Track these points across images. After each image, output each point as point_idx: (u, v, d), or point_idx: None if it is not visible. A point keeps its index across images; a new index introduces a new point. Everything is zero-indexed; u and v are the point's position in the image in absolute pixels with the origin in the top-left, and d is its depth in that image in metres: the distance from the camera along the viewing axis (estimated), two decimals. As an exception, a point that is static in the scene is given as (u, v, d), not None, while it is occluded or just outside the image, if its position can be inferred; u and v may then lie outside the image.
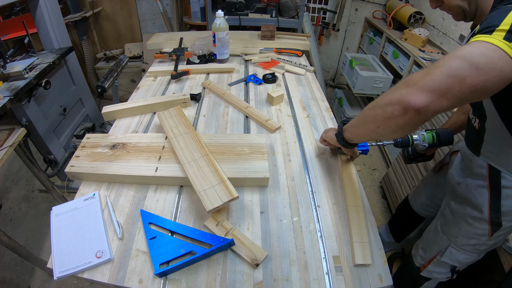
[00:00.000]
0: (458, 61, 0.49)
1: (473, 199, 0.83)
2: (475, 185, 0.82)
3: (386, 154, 2.27)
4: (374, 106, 0.61)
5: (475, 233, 0.85)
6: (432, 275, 1.01)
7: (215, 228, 0.70)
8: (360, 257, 0.66)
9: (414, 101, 0.51)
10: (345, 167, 0.87)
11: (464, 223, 0.87)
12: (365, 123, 0.66)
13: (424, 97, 0.50)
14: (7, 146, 1.22)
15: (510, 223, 0.80)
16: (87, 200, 0.76)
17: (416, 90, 0.52)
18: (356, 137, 0.73)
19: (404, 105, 0.52)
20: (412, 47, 2.05)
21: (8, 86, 1.35)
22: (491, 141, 0.76)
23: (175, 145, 0.86)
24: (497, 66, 0.48)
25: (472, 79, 0.48)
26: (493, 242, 0.86)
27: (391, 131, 0.59)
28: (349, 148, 0.80)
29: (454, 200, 0.91)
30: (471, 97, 0.50)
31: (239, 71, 1.48)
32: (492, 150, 0.76)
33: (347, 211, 0.75)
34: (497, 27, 0.50)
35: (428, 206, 1.19)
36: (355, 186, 0.82)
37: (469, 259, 0.92)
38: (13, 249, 1.21)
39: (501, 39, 0.48)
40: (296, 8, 2.36)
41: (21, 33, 1.74)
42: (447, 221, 0.93)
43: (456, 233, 0.90)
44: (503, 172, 0.75)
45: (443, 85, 0.49)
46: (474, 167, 0.82)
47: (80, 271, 0.63)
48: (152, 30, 2.93)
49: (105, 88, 1.38)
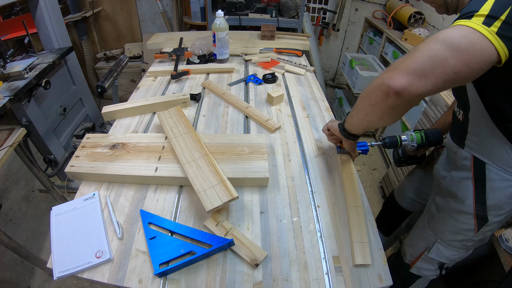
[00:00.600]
0: (439, 43, 0.50)
1: (457, 192, 0.82)
2: (460, 178, 0.81)
3: (386, 154, 2.27)
4: (362, 96, 0.63)
5: (461, 228, 0.84)
6: (421, 272, 1.01)
7: (215, 228, 0.70)
8: (360, 257, 0.65)
9: (393, 83, 0.52)
10: (345, 167, 0.87)
11: (449, 218, 0.86)
12: (356, 112, 0.67)
13: (404, 79, 0.51)
14: (7, 146, 1.22)
15: (496, 218, 0.79)
16: (87, 200, 0.76)
17: (396, 72, 0.52)
18: (352, 127, 0.73)
19: (385, 88, 0.53)
20: (412, 47, 2.05)
21: (8, 86, 1.35)
22: (475, 131, 0.76)
23: (175, 145, 0.86)
24: (478, 48, 0.48)
25: (454, 60, 0.48)
26: (480, 238, 0.85)
27: (378, 117, 0.60)
28: (350, 140, 0.79)
29: (439, 194, 0.90)
30: (455, 79, 0.50)
31: (239, 71, 1.48)
32: (476, 141, 0.76)
33: (347, 211, 0.75)
34: (476, 12, 0.51)
35: (414, 201, 1.19)
36: (355, 186, 0.81)
37: (457, 255, 0.91)
38: (13, 249, 1.21)
39: (480, 24, 0.49)
40: (296, 8, 2.36)
41: (21, 33, 1.75)
42: (433, 216, 0.93)
43: (442, 229, 0.89)
44: (487, 164, 0.74)
45: (424, 66, 0.50)
46: (459, 159, 0.82)
47: (80, 271, 0.63)
48: (152, 30, 2.93)
49: (105, 88, 1.38)
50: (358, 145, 0.87)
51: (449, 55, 0.49)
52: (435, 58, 0.49)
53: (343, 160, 0.89)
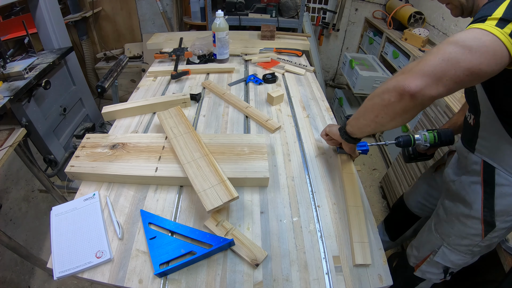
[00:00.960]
0: (452, 46, 0.50)
1: (466, 196, 0.82)
2: (469, 182, 0.82)
3: (386, 154, 2.27)
4: (372, 96, 0.62)
5: (468, 233, 0.84)
6: (425, 275, 1.00)
7: (215, 228, 0.70)
8: (360, 257, 0.65)
9: (408, 85, 0.52)
10: (345, 167, 0.87)
11: (457, 222, 0.86)
12: (364, 113, 0.67)
13: (419, 81, 0.52)
14: (7, 146, 1.22)
15: (504, 224, 0.78)
16: (87, 200, 0.76)
17: (411, 75, 0.53)
18: (358, 130, 0.73)
19: (400, 90, 0.54)
20: (412, 47, 2.05)
21: (8, 86, 1.35)
22: (486, 136, 0.76)
23: (175, 145, 0.86)
24: (490, 49, 0.49)
25: (466, 62, 0.49)
26: (486, 243, 0.84)
27: (390, 118, 0.60)
28: (351, 143, 0.79)
29: (448, 198, 0.90)
30: (467, 80, 0.51)
31: (239, 71, 1.48)
32: (487, 146, 0.76)
33: (347, 211, 0.75)
34: (489, 16, 0.51)
35: (423, 205, 1.19)
36: (355, 186, 0.82)
37: (462, 260, 0.91)
38: (13, 249, 1.21)
39: (493, 26, 0.50)
40: (296, 8, 2.36)
41: (21, 33, 1.74)
42: (440, 219, 0.92)
43: (449, 232, 0.89)
44: (497, 169, 0.74)
45: (437, 69, 0.50)
46: (469, 164, 0.82)
47: (80, 271, 0.63)
48: (152, 30, 2.93)
49: (105, 88, 1.38)
50: (358, 145, 0.87)
51: (461, 57, 0.49)
52: (447, 60, 0.50)
53: (343, 160, 0.89)
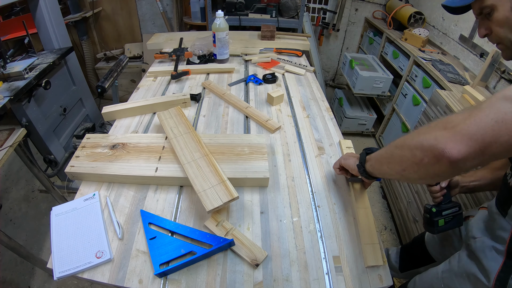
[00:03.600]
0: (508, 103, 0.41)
1: (484, 260, 0.71)
2: (491, 246, 0.71)
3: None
4: (402, 145, 0.53)
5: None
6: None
7: (215, 228, 0.70)
8: (372, 259, 0.65)
9: (450, 150, 0.42)
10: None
11: (466, 280, 0.76)
12: (389, 162, 0.58)
13: (463, 147, 0.42)
14: (7, 146, 1.22)
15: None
16: (87, 200, 0.76)
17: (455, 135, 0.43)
18: (379, 174, 0.65)
19: (438, 153, 0.44)
20: (412, 47, 2.05)
21: (8, 86, 1.35)
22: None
23: (175, 145, 0.86)
24: None
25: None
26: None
27: (418, 177, 0.51)
28: (370, 180, 0.72)
29: (465, 252, 0.81)
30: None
31: (239, 71, 1.48)
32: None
33: (356, 213, 0.75)
34: None
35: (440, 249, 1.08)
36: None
37: None
38: (13, 249, 1.21)
39: None
40: (296, 8, 2.36)
41: (21, 33, 1.75)
42: (451, 268, 0.83)
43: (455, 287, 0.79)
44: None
45: (488, 133, 0.41)
46: (496, 228, 0.71)
47: (80, 271, 0.63)
48: (152, 30, 2.93)
49: (105, 88, 1.38)
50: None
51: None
52: (501, 123, 0.40)
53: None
